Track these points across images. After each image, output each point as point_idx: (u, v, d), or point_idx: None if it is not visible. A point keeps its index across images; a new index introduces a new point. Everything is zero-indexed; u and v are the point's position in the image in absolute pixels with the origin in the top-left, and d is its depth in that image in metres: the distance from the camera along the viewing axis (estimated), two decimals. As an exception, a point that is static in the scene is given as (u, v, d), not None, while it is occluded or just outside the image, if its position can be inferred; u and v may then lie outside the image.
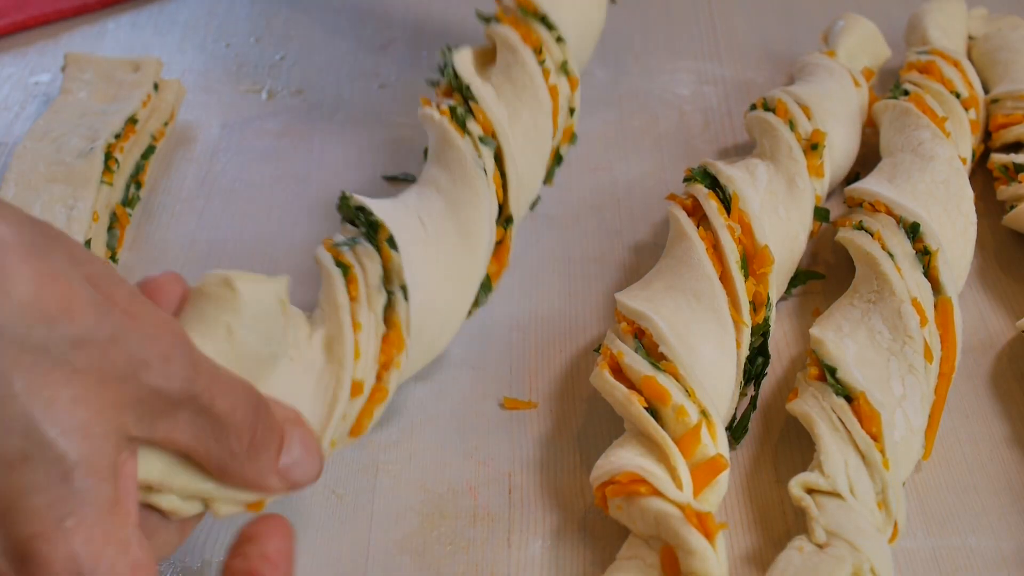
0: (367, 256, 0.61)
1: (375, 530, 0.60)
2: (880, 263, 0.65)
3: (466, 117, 0.70)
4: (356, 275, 0.60)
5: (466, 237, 0.66)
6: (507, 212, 0.69)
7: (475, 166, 0.67)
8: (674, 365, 0.59)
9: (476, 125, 0.70)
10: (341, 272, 0.60)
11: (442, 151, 0.69)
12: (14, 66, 0.97)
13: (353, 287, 0.59)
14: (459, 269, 0.65)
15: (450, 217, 0.66)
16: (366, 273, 0.60)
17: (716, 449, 0.57)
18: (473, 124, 0.70)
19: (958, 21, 0.91)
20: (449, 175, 0.68)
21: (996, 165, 0.79)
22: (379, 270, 0.60)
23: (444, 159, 0.69)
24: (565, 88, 0.78)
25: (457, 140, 0.68)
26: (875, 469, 0.56)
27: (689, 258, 0.65)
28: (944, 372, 0.63)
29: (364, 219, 0.63)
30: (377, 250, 0.61)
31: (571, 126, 0.80)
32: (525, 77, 0.75)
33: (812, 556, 0.53)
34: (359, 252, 0.61)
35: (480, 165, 0.68)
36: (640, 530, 0.55)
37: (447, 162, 0.68)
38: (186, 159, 0.87)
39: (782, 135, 0.74)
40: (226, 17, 1.04)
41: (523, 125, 0.73)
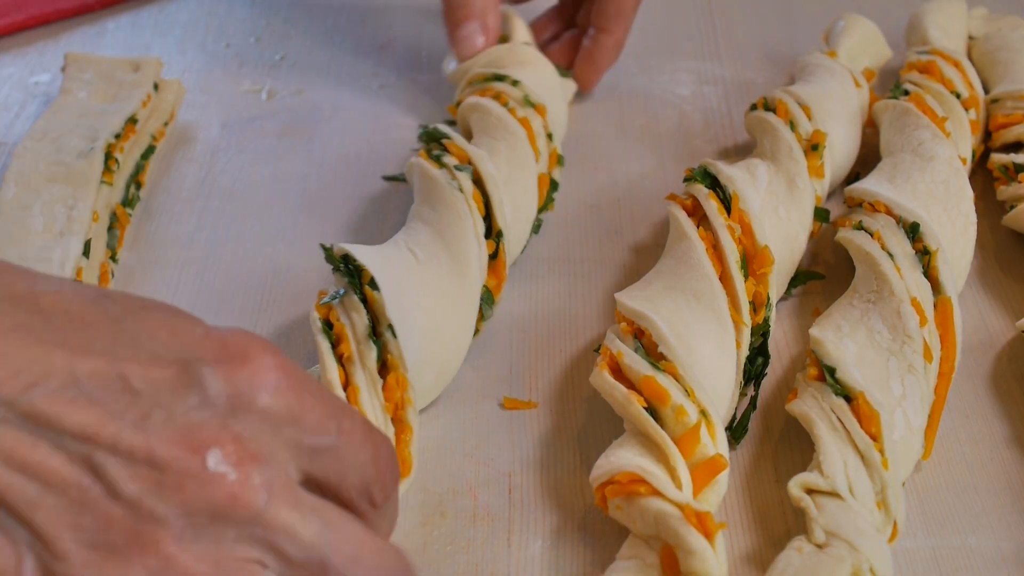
0: (353, 309, 0.62)
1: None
2: (879, 263, 0.65)
3: (441, 154, 0.72)
4: (346, 332, 0.61)
5: (454, 254, 0.67)
6: (496, 227, 0.70)
7: (451, 188, 0.69)
8: (673, 365, 0.59)
9: (451, 158, 0.72)
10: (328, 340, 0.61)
11: (423, 187, 0.71)
12: (14, 66, 0.97)
13: (344, 346, 0.61)
14: (455, 288, 0.66)
15: (437, 240, 0.68)
16: (354, 327, 0.61)
17: (715, 449, 0.57)
18: (448, 158, 0.72)
19: (958, 21, 0.91)
20: (430, 205, 0.70)
21: (996, 165, 0.79)
22: (365, 321, 0.61)
23: (425, 193, 0.71)
24: (536, 117, 0.79)
25: (432, 171, 0.70)
26: (874, 469, 0.56)
27: (689, 258, 0.65)
28: (944, 372, 0.63)
29: (348, 267, 0.64)
30: (362, 296, 0.62)
31: (554, 150, 0.80)
32: (492, 118, 0.77)
33: (811, 556, 0.53)
34: (346, 305, 0.62)
35: (455, 186, 0.69)
36: (640, 530, 0.55)
37: (428, 194, 0.70)
38: (186, 159, 0.87)
39: (783, 135, 0.74)
40: (226, 17, 1.04)
41: (503, 155, 0.75)
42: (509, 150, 0.75)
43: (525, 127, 0.77)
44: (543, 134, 0.79)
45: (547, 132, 0.80)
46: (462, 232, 0.68)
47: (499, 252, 0.70)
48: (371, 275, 0.62)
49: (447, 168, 0.71)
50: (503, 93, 0.80)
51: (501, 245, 0.70)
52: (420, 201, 0.71)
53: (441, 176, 0.70)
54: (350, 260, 0.64)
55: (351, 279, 0.63)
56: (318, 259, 0.76)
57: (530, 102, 0.80)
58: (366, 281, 0.62)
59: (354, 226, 0.80)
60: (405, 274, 0.64)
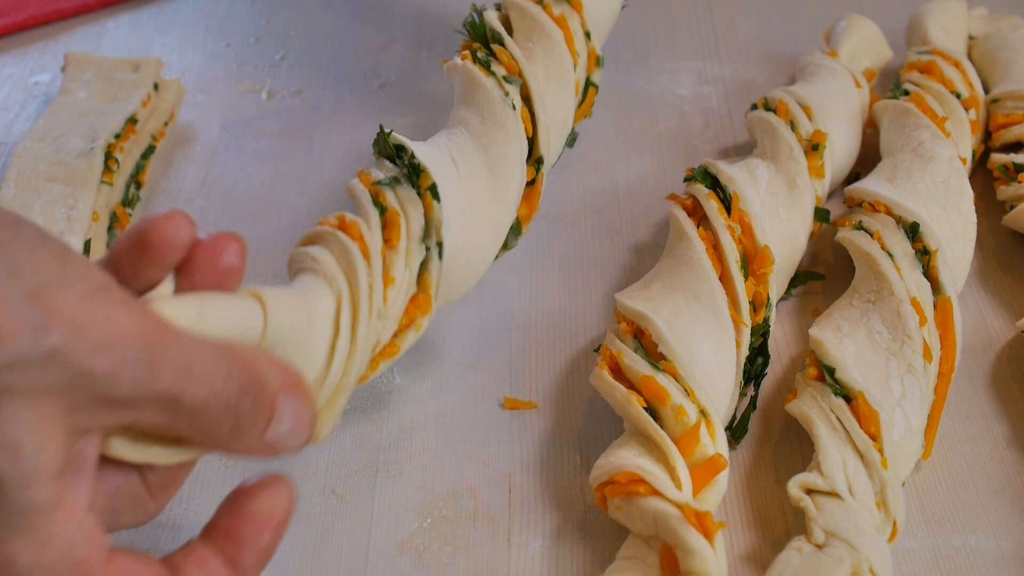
0: (410, 203, 0.59)
1: (375, 530, 0.60)
2: (879, 263, 0.65)
3: (489, 60, 0.70)
4: (399, 221, 0.58)
5: (497, 176, 0.65)
6: (537, 152, 0.68)
7: (503, 104, 0.66)
8: (673, 365, 0.59)
9: (500, 67, 0.70)
10: (379, 212, 0.57)
11: (469, 93, 0.68)
12: (14, 66, 0.97)
13: (394, 233, 0.57)
14: (490, 209, 0.64)
15: (481, 155, 0.65)
16: (409, 222, 0.58)
17: (715, 449, 0.57)
18: (497, 66, 0.69)
19: (959, 21, 0.91)
20: (478, 115, 0.67)
21: (996, 165, 0.79)
22: (422, 221, 0.58)
23: (472, 100, 0.67)
24: (572, 14, 0.77)
25: (484, 79, 0.67)
26: (874, 469, 0.56)
27: (689, 258, 0.65)
28: (944, 372, 0.63)
29: (405, 160, 0.61)
30: (419, 197, 0.59)
31: (592, 50, 0.77)
32: (527, 18, 0.74)
33: (811, 556, 0.53)
34: (401, 196, 0.59)
35: (508, 103, 0.67)
36: (639, 530, 0.55)
37: (475, 102, 0.67)
38: (186, 159, 0.87)
39: (783, 135, 0.74)
40: (226, 17, 1.04)
41: (539, 61, 0.72)
42: (545, 55, 0.72)
43: (562, 27, 0.74)
44: (580, 32, 0.76)
45: (584, 31, 0.77)
46: (510, 154, 0.65)
47: (537, 181, 0.68)
48: (432, 180, 0.59)
49: (496, 79, 0.68)
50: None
51: (540, 174, 0.68)
52: (465, 106, 0.68)
53: (493, 88, 0.67)
54: (405, 153, 0.61)
55: (411, 173, 0.60)
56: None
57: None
58: (426, 184, 0.59)
59: (354, 226, 0.80)
60: (444, 182, 0.61)
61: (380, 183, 0.60)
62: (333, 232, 0.55)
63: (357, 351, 0.52)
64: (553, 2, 0.76)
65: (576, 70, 0.74)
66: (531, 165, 0.68)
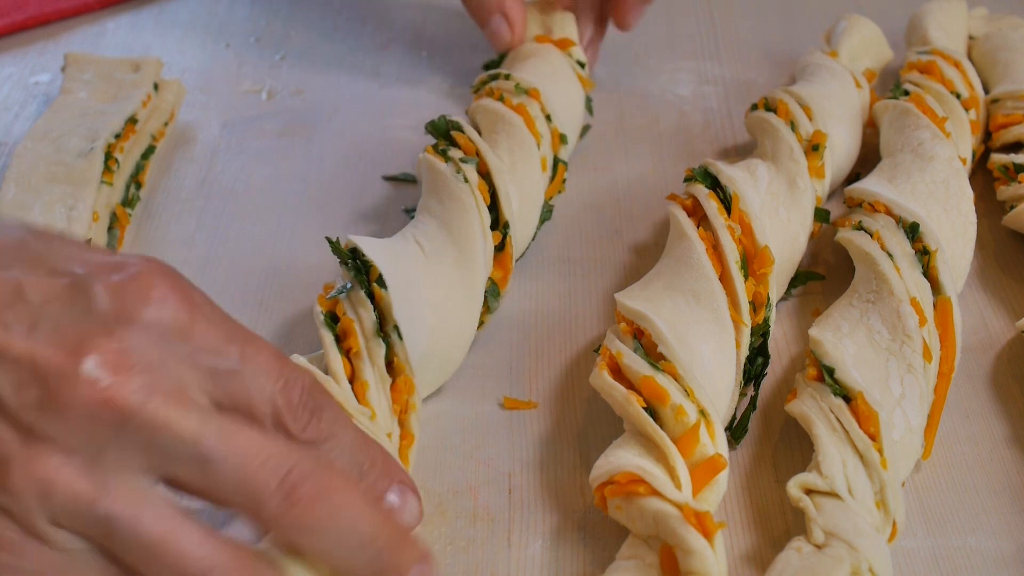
0: (360, 304, 0.62)
1: (375, 530, 0.60)
2: (879, 263, 0.65)
3: (447, 149, 0.72)
4: (353, 328, 0.61)
5: (461, 247, 0.68)
6: (503, 218, 0.70)
7: (456, 180, 0.69)
8: (673, 365, 0.59)
9: (458, 151, 0.72)
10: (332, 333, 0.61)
11: (430, 181, 0.71)
12: (14, 66, 0.97)
13: (352, 341, 0.61)
14: (461, 281, 0.67)
15: (443, 232, 0.68)
16: (362, 323, 0.61)
17: (715, 449, 0.57)
18: (455, 151, 0.72)
19: (959, 21, 0.91)
20: (437, 198, 0.70)
21: (996, 165, 0.79)
22: (373, 317, 0.61)
23: (432, 186, 0.71)
24: (531, 102, 0.79)
25: (438, 163, 0.71)
26: (873, 469, 0.56)
27: (689, 258, 0.65)
28: (944, 372, 0.63)
29: (356, 261, 0.64)
30: (369, 293, 0.62)
31: (555, 129, 0.80)
32: (488, 113, 0.77)
33: (810, 557, 0.53)
34: (353, 300, 0.62)
35: (460, 178, 0.69)
36: (639, 530, 0.55)
37: (434, 187, 0.70)
38: (186, 159, 0.87)
39: (783, 136, 0.74)
40: (226, 17, 1.04)
41: (503, 145, 0.75)
42: (508, 139, 0.75)
43: (521, 113, 0.77)
44: (541, 116, 0.79)
45: (545, 113, 0.79)
46: (468, 224, 0.68)
47: (505, 244, 0.70)
48: (379, 272, 0.62)
49: (453, 161, 0.71)
50: (496, 88, 0.80)
51: (508, 237, 0.70)
52: (428, 194, 0.71)
53: (447, 169, 0.70)
54: (358, 254, 0.64)
55: (358, 274, 0.63)
56: (318, 258, 0.76)
57: (522, 89, 0.79)
58: (374, 277, 0.62)
59: (354, 226, 0.80)
60: (412, 268, 0.65)
61: (334, 294, 0.63)
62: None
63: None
64: (512, 95, 0.79)
65: (541, 148, 0.77)
66: (498, 231, 0.70)
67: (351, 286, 0.63)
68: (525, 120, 0.77)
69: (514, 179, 0.73)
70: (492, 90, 0.80)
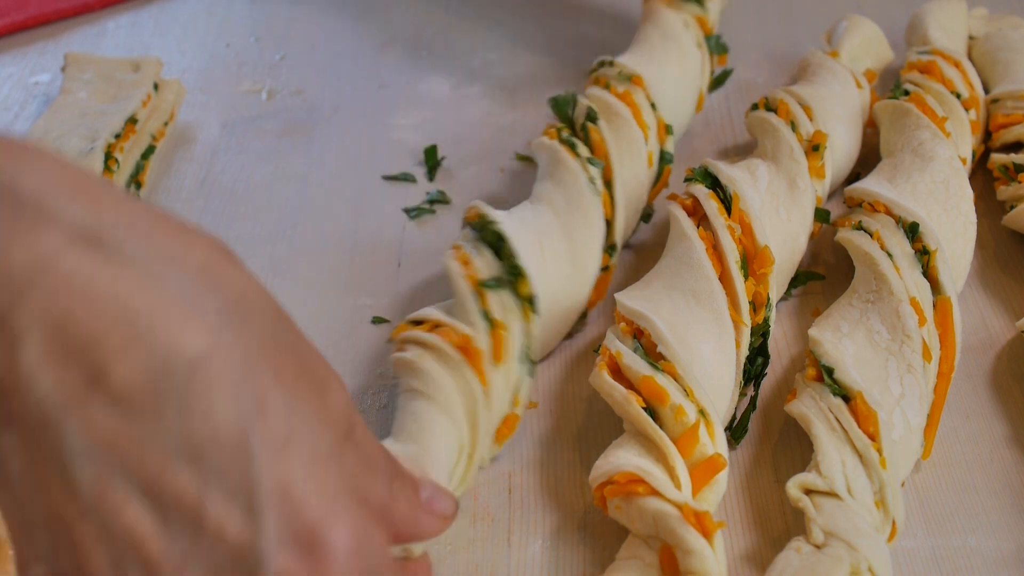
0: (512, 315, 0.61)
1: (375, 530, 0.60)
2: (878, 263, 0.65)
3: (573, 141, 0.71)
4: (503, 338, 0.60)
5: (576, 263, 0.67)
6: (612, 239, 0.70)
7: (589, 190, 0.68)
8: (672, 365, 0.59)
9: (584, 148, 0.71)
10: (485, 322, 0.60)
11: (554, 171, 0.69)
12: (14, 66, 0.97)
13: (499, 352, 0.59)
14: (566, 297, 0.66)
15: (564, 240, 0.67)
16: (511, 340, 0.60)
17: (714, 448, 0.57)
18: (582, 147, 0.71)
19: (959, 21, 0.91)
20: (564, 196, 0.68)
21: (996, 165, 0.78)
22: (521, 341, 0.61)
23: (557, 178, 0.69)
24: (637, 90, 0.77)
25: (570, 161, 0.69)
26: (872, 468, 0.56)
27: (689, 258, 0.65)
28: (943, 372, 0.63)
29: (505, 259, 0.62)
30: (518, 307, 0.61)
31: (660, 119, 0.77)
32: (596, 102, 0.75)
33: (810, 557, 0.53)
34: (505, 305, 0.61)
35: (593, 189, 0.68)
36: (639, 530, 0.55)
37: (560, 182, 0.69)
38: (186, 159, 0.87)
39: (784, 136, 0.74)
40: (226, 17, 1.04)
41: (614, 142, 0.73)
42: (617, 134, 0.73)
43: (627, 103, 0.75)
44: (647, 105, 0.76)
45: (650, 102, 0.77)
46: (591, 242, 0.67)
47: (609, 268, 0.70)
48: (532, 293, 0.61)
49: (581, 161, 0.69)
50: (602, 76, 0.78)
51: (613, 263, 0.70)
52: (551, 183, 0.69)
53: (579, 171, 0.68)
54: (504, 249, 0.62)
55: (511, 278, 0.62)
56: (318, 258, 0.76)
57: (624, 76, 0.77)
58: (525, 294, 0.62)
59: (354, 226, 0.80)
60: (531, 268, 0.63)
61: (485, 285, 0.61)
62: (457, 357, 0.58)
63: (470, 475, 0.58)
64: (616, 82, 0.77)
65: (648, 143, 0.75)
66: (605, 252, 0.69)
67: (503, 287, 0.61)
68: (632, 111, 0.75)
69: (624, 179, 0.71)
70: (598, 78, 0.78)
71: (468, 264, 0.62)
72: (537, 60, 0.97)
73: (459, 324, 0.59)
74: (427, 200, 0.82)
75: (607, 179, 0.70)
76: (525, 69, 0.96)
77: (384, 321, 0.72)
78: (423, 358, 0.58)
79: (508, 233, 0.63)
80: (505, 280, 0.62)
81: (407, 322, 0.61)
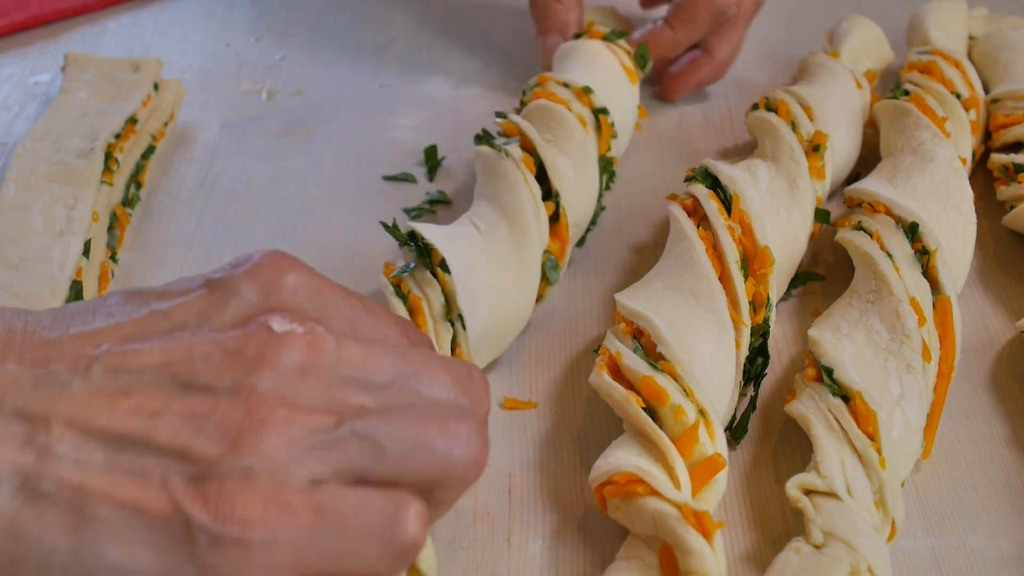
0: (427, 284, 0.63)
1: (375, 530, 0.60)
2: (878, 263, 0.65)
3: (494, 137, 0.73)
4: (421, 306, 0.62)
5: (514, 223, 0.68)
6: (554, 189, 0.70)
7: (499, 157, 0.70)
8: (672, 365, 0.59)
9: (503, 137, 0.73)
10: (402, 302, 0.62)
11: (480, 168, 0.72)
12: (14, 66, 0.97)
13: (420, 319, 0.62)
14: (516, 256, 0.67)
15: (496, 211, 0.68)
16: (430, 303, 0.62)
17: (714, 448, 0.57)
18: (501, 138, 0.73)
19: (959, 21, 0.91)
20: (488, 180, 0.70)
21: (996, 165, 0.79)
22: (441, 299, 0.62)
23: (483, 172, 0.71)
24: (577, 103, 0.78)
25: (484, 149, 0.71)
26: (872, 468, 0.56)
27: (689, 258, 0.65)
28: (943, 371, 0.63)
29: (416, 244, 0.65)
30: (434, 276, 0.63)
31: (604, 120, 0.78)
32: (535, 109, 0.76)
33: (809, 557, 0.53)
34: (419, 280, 0.63)
35: (502, 154, 0.70)
36: (639, 530, 0.55)
37: (484, 172, 0.71)
38: (186, 159, 0.87)
39: (784, 136, 0.74)
40: (226, 17, 1.04)
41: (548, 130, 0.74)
42: (552, 121, 0.75)
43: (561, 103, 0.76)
44: (587, 111, 0.78)
45: (592, 108, 0.78)
46: (516, 197, 0.68)
47: (560, 214, 0.70)
48: (442, 256, 0.63)
49: (497, 147, 0.71)
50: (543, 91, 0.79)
51: (561, 207, 0.70)
52: (481, 182, 0.72)
53: (490, 151, 0.71)
54: (417, 237, 0.64)
55: (420, 255, 0.64)
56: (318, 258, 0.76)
57: (569, 89, 0.78)
58: (436, 261, 0.63)
59: (354, 226, 0.80)
60: (470, 249, 0.65)
61: (399, 272, 0.64)
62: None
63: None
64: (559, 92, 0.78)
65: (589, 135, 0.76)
66: (551, 201, 0.70)
67: (414, 265, 0.63)
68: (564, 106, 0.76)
69: (561, 151, 0.73)
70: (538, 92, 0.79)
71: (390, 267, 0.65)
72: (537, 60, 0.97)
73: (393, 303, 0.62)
74: (427, 200, 0.82)
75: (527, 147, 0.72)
76: (525, 69, 0.96)
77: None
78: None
79: (414, 224, 0.65)
80: (418, 260, 0.64)
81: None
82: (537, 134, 0.72)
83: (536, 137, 0.72)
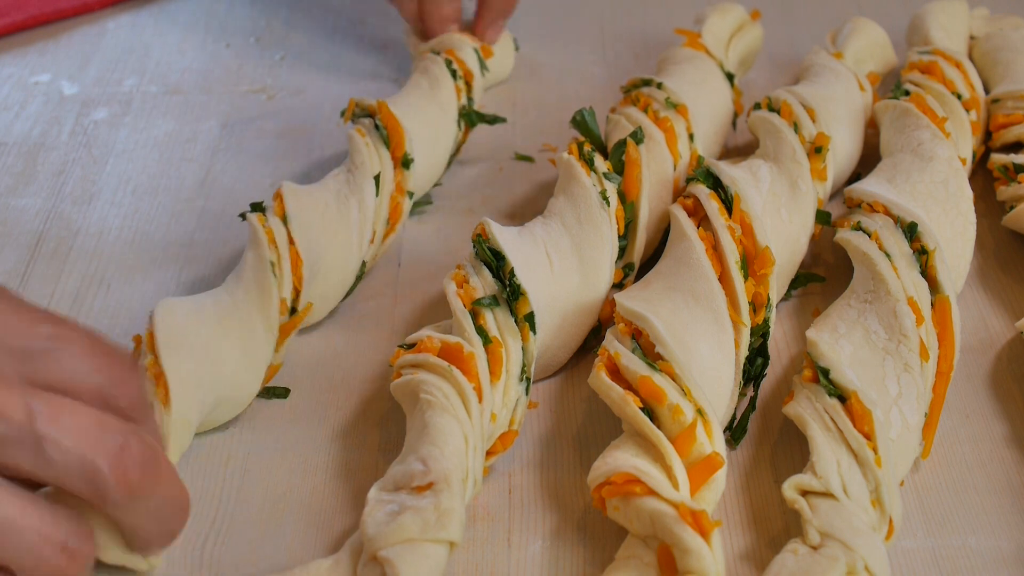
0: (510, 333, 0.61)
1: (374, 530, 0.60)
2: (876, 263, 0.65)
3: (592, 157, 0.70)
4: (501, 355, 0.60)
5: (587, 278, 0.67)
6: (629, 257, 0.70)
7: (599, 204, 0.68)
8: (670, 365, 0.59)
9: (602, 163, 0.70)
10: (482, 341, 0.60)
11: (568, 185, 0.69)
12: (14, 66, 0.97)
13: (496, 369, 0.60)
14: (578, 311, 0.66)
15: (575, 255, 0.67)
16: (509, 358, 0.60)
17: (712, 448, 0.57)
18: (600, 163, 0.70)
19: (960, 21, 0.91)
20: (574, 211, 0.68)
21: (996, 165, 0.78)
22: (520, 360, 0.61)
23: (569, 193, 0.69)
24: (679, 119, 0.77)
25: (582, 176, 0.69)
26: (868, 468, 0.56)
27: (688, 258, 0.65)
28: (943, 371, 0.63)
29: (504, 277, 0.63)
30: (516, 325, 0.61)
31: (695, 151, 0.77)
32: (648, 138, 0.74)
33: (805, 558, 0.53)
34: (501, 323, 0.61)
35: (603, 202, 0.68)
36: (637, 530, 0.55)
37: (572, 196, 0.69)
38: (186, 159, 0.87)
39: (786, 137, 0.74)
40: (226, 17, 1.04)
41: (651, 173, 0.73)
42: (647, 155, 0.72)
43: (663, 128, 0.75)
44: (684, 135, 0.76)
45: (689, 132, 0.77)
46: (601, 257, 0.67)
47: (624, 285, 0.70)
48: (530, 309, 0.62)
49: (597, 175, 0.69)
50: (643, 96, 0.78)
51: (629, 280, 0.70)
52: (564, 197, 0.69)
53: (590, 187, 0.68)
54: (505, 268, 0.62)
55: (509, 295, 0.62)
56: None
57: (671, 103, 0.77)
58: (523, 312, 0.62)
59: (354, 226, 0.80)
60: (538, 281, 0.64)
61: (480, 303, 0.61)
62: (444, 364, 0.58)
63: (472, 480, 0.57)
64: (661, 107, 0.77)
65: (677, 169, 0.75)
66: (621, 269, 0.69)
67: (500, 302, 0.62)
68: (667, 137, 0.75)
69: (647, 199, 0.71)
70: (639, 96, 0.78)
71: (466, 283, 0.63)
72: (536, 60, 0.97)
73: (448, 337, 0.60)
74: (427, 200, 0.82)
75: (632, 199, 0.70)
76: (524, 69, 0.96)
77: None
78: (416, 373, 0.59)
79: (507, 251, 0.63)
80: (502, 299, 0.62)
81: (401, 347, 0.62)
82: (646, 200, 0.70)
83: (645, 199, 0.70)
